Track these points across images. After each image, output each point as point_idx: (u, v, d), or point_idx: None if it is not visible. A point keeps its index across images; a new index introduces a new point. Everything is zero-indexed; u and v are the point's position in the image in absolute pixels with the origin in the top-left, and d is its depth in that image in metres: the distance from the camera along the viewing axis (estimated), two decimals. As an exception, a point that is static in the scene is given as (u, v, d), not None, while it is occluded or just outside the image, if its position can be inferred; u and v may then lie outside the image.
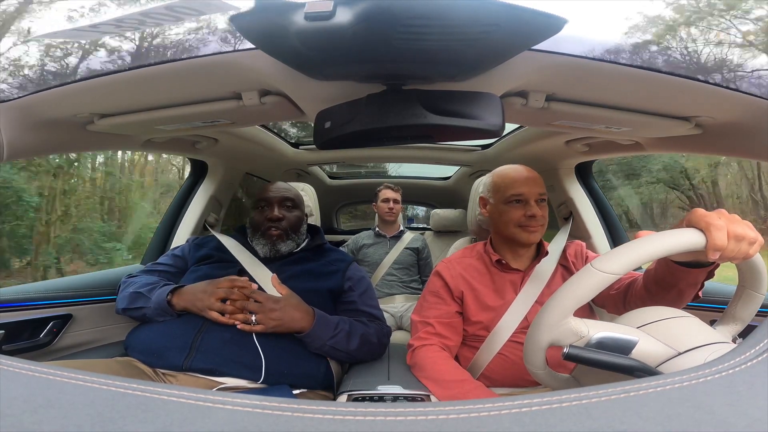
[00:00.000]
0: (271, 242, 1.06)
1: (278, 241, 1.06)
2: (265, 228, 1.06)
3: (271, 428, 0.24)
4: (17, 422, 0.24)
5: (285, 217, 1.08)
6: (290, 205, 1.11)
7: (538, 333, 0.55)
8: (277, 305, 0.88)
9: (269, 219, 1.06)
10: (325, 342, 0.90)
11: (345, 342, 0.92)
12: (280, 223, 1.06)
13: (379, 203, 2.10)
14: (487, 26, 0.49)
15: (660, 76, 0.65)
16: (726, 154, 0.96)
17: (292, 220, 1.09)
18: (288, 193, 1.11)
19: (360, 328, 0.97)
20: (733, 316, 0.63)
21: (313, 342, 0.89)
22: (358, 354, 0.95)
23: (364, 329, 0.98)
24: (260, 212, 1.09)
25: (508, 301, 0.92)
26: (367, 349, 0.97)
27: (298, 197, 1.14)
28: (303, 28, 0.49)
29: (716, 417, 0.25)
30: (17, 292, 1.00)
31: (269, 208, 1.08)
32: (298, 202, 1.13)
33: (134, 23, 0.58)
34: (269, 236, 1.06)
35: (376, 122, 0.65)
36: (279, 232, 1.06)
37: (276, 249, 1.06)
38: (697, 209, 0.56)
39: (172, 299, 0.91)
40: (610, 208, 1.52)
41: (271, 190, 1.11)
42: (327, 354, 0.93)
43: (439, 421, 0.25)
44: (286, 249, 1.07)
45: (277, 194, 1.10)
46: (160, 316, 0.92)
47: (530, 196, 0.93)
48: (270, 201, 1.09)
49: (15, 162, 3.16)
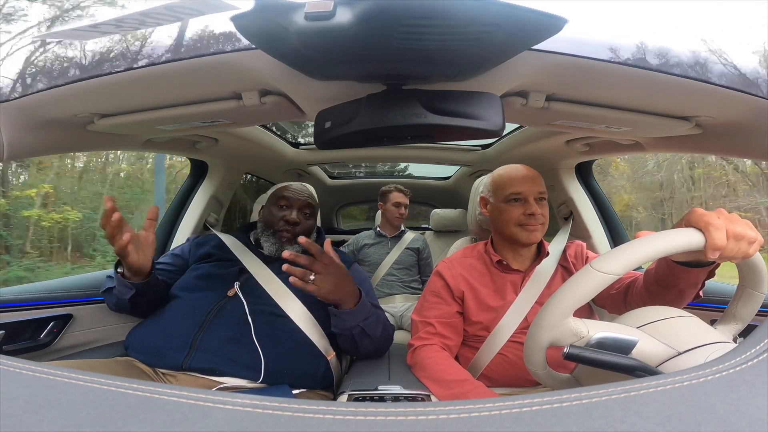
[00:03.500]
0: (280, 243, 1.05)
1: (287, 244, 1.06)
2: (279, 228, 1.06)
3: (270, 428, 0.24)
4: (17, 422, 0.24)
5: (302, 222, 1.07)
6: (309, 213, 1.10)
7: (537, 333, 0.55)
8: (338, 272, 0.85)
9: (286, 221, 1.06)
10: (360, 322, 0.88)
11: (374, 327, 0.92)
12: (295, 228, 1.06)
13: (388, 206, 2.07)
14: (487, 26, 0.49)
15: (660, 76, 0.65)
16: (726, 154, 0.96)
17: (306, 228, 1.09)
18: (311, 200, 1.11)
19: (383, 316, 0.98)
20: (734, 315, 0.63)
21: (350, 320, 0.87)
22: (378, 342, 0.95)
23: (386, 320, 0.98)
24: (278, 209, 1.08)
25: (509, 302, 0.92)
26: (385, 340, 0.98)
27: (317, 206, 1.15)
28: (303, 28, 0.49)
29: (716, 417, 0.25)
30: (18, 292, 1.00)
31: (288, 209, 1.07)
32: (316, 210, 1.13)
33: (134, 23, 0.58)
34: (280, 237, 1.05)
35: (376, 122, 0.65)
36: (290, 236, 1.06)
37: (282, 250, 1.05)
38: (695, 209, 0.55)
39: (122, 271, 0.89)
40: (610, 207, 1.52)
41: (296, 191, 1.11)
42: (350, 337, 0.91)
43: (439, 421, 0.25)
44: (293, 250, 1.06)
45: (300, 198, 1.09)
46: (123, 293, 0.90)
47: (529, 194, 0.93)
48: (291, 203, 1.08)
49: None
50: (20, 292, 1.00)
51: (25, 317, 0.96)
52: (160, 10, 0.52)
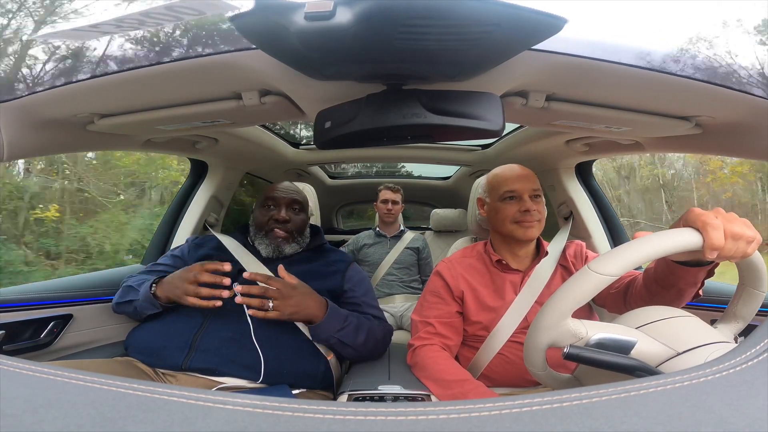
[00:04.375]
0: (275, 243, 1.05)
1: (283, 243, 1.06)
2: (270, 228, 1.06)
3: (270, 428, 0.24)
4: (17, 422, 0.24)
5: (291, 219, 1.07)
6: (297, 208, 1.10)
7: (536, 335, 0.55)
8: (295, 291, 0.87)
9: (276, 220, 1.06)
10: (334, 334, 0.89)
11: (353, 335, 0.92)
12: (286, 225, 1.06)
13: (378, 204, 2.11)
14: (487, 26, 0.49)
15: (660, 76, 0.65)
16: (726, 154, 0.96)
17: (298, 223, 1.09)
18: (297, 196, 1.11)
19: (366, 323, 0.97)
20: (735, 314, 0.62)
21: (323, 333, 0.89)
22: (364, 349, 0.95)
23: (371, 324, 0.98)
24: (266, 211, 1.08)
25: (508, 302, 0.92)
26: (373, 345, 0.97)
27: (305, 200, 1.14)
28: (303, 28, 0.49)
29: (716, 417, 0.25)
30: (18, 292, 1.00)
31: (276, 209, 1.08)
32: (305, 205, 1.13)
33: (134, 23, 0.58)
34: (273, 237, 1.05)
35: (376, 122, 0.65)
36: (284, 234, 1.06)
37: (280, 250, 1.05)
38: (693, 208, 0.55)
39: (156, 290, 0.91)
40: (610, 207, 1.52)
41: (280, 189, 1.11)
42: (333, 347, 0.92)
43: (439, 421, 0.25)
44: (290, 251, 1.06)
45: (286, 195, 1.09)
46: (147, 309, 0.92)
47: (523, 191, 0.94)
48: (278, 201, 1.09)
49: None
50: (20, 292, 1.00)
51: (25, 317, 0.96)
52: (160, 10, 0.52)
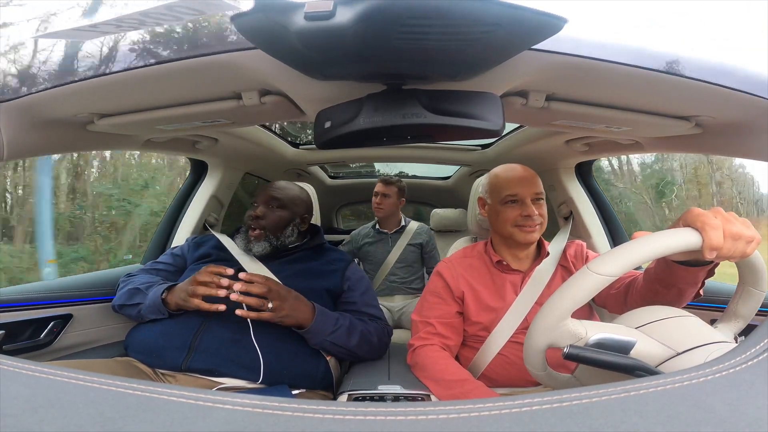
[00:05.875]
0: (247, 240, 1.04)
1: (254, 241, 1.04)
2: (247, 226, 1.06)
3: (270, 428, 0.24)
4: (17, 422, 0.24)
5: (265, 215, 1.05)
6: (276, 205, 1.07)
7: (536, 336, 0.55)
8: (289, 294, 0.87)
9: (251, 216, 1.05)
10: (326, 337, 0.89)
11: (345, 338, 0.92)
12: (258, 221, 1.04)
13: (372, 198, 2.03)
14: (487, 26, 0.49)
15: (660, 76, 0.65)
16: (726, 154, 0.96)
17: (272, 220, 1.05)
18: (276, 193, 1.08)
19: (360, 325, 0.97)
20: (735, 313, 0.63)
21: (314, 337, 0.89)
22: (359, 351, 0.95)
23: (364, 327, 0.97)
24: (250, 209, 1.08)
25: (509, 302, 0.92)
26: (367, 348, 0.97)
27: (289, 197, 1.10)
28: (303, 28, 0.49)
29: (716, 417, 0.25)
30: (17, 292, 1.00)
31: (255, 206, 1.07)
32: (286, 202, 1.08)
33: (134, 23, 0.58)
34: (248, 234, 1.05)
35: (376, 122, 0.65)
36: (257, 232, 1.04)
37: (249, 248, 1.04)
38: (693, 208, 0.55)
39: (167, 297, 0.91)
40: (610, 207, 1.52)
41: (265, 187, 1.10)
42: (327, 350, 0.93)
43: (439, 421, 0.25)
44: (258, 249, 1.03)
45: (265, 193, 1.08)
46: (153, 314, 0.92)
47: (526, 195, 0.92)
48: (258, 198, 1.09)
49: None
50: (20, 292, 1.00)
51: (25, 317, 0.96)
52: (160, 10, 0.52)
